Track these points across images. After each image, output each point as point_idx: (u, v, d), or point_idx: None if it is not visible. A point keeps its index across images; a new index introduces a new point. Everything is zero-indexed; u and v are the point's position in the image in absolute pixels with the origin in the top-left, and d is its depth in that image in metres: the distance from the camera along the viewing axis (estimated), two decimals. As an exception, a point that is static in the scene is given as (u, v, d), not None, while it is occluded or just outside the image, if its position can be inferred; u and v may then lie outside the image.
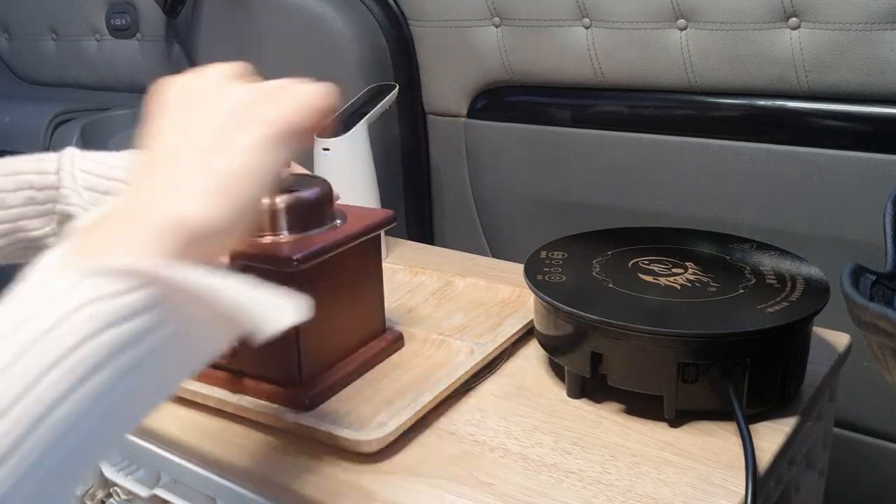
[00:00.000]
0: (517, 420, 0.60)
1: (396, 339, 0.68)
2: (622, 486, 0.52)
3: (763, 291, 0.61)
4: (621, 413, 0.60)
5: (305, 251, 0.56)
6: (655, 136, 0.92)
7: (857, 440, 0.90)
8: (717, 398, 0.57)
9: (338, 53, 1.06)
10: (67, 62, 1.49)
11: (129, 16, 1.36)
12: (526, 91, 1.01)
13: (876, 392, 0.86)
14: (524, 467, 0.54)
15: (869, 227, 0.79)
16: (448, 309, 0.77)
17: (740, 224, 0.88)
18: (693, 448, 0.55)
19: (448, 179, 1.12)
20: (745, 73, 0.84)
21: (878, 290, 0.47)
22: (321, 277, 0.60)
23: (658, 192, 0.94)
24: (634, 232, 0.76)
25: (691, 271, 0.65)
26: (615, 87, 0.94)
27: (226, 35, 1.17)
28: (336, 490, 0.53)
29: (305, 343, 0.59)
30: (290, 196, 0.59)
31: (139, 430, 0.62)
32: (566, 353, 0.62)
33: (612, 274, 0.65)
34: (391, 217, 0.65)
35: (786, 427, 0.57)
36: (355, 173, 0.91)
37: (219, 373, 0.62)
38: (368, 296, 0.67)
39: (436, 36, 1.04)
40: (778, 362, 0.57)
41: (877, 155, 0.79)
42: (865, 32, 0.76)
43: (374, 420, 0.58)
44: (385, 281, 0.68)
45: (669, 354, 0.56)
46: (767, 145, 0.85)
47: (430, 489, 0.52)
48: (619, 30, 0.89)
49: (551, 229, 0.82)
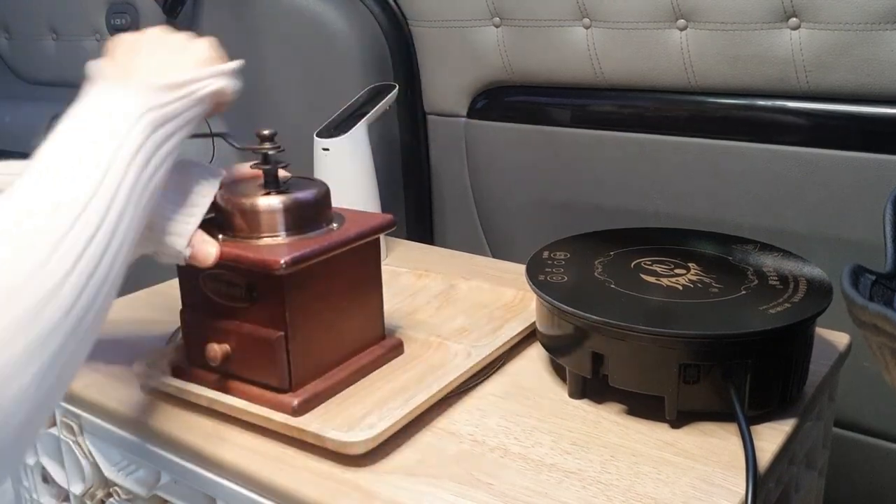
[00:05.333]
0: (517, 420, 0.60)
1: (395, 347, 0.67)
2: (622, 485, 0.52)
3: (765, 292, 0.61)
4: (621, 413, 0.60)
5: (294, 254, 0.56)
6: (655, 136, 0.92)
7: (857, 440, 0.90)
8: (718, 399, 0.57)
9: (338, 53, 1.06)
10: (67, 62, 1.49)
11: (129, 16, 1.36)
12: (526, 91, 1.01)
13: (876, 392, 0.86)
14: (524, 467, 0.54)
15: (869, 227, 0.79)
16: (450, 312, 0.77)
17: (740, 224, 0.88)
18: (693, 448, 0.55)
19: (448, 179, 1.12)
20: (745, 73, 0.84)
21: (878, 290, 0.47)
22: (314, 281, 0.59)
23: (658, 192, 0.94)
24: (637, 232, 0.76)
25: (693, 272, 0.65)
26: (615, 87, 0.94)
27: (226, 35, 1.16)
28: (336, 490, 0.53)
29: (296, 347, 0.59)
30: (286, 197, 0.59)
31: (139, 430, 0.62)
32: (568, 353, 0.62)
33: (615, 274, 0.65)
34: (389, 222, 0.65)
35: (786, 427, 0.57)
36: (355, 173, 0.91)
37: (213, 375, 0.62)
38: (366, 301, 0.66)
39: (436, 36, 1.04)
40: (780, 364, 0.57)
41: (877, 155, 0.79)
42: (865, 32, 0.76)
43: (364, 422, 0.58)
44: (389, 284, 0.68)
45: (671, 355, 0.56)
46: (767, 145, 0.85)
47: (429, 489, 0.52)
48: (619, 30, 0.89)
49: (551, 229, 0.82)
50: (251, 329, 0.59)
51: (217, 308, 0.60)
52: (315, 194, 0.61)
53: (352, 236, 0.61)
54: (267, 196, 0.59)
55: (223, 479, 0.57)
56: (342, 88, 1.04)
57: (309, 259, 0.57)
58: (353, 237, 0.61)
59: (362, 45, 1.06)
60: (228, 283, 0.59)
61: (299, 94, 1.11)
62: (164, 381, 0.63)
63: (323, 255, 0.58)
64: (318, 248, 0.58)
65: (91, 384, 0.66)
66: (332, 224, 0.62)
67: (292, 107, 1.12)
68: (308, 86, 1.10)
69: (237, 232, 0.59)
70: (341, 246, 0.60)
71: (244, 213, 0.59)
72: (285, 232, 0.59)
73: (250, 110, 1.16)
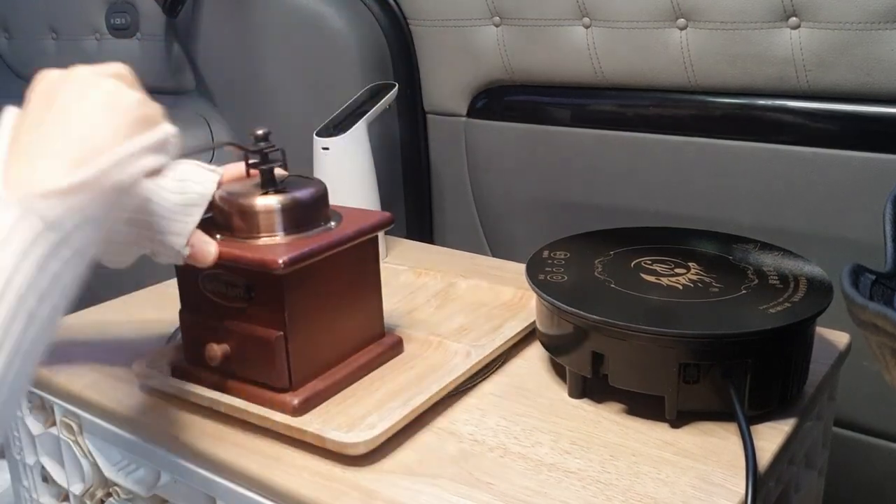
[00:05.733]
0: (517, 420, 0.60)
1: (395, 345, 0.67)
2: (622, 485, 0.52)
3: (765, 292, 0.61)
4: (621, 413, 0.60)
5: (293, 253, 0.56)
6: (655, 135, 0.92)
7: (856, 440, 0.90)
8: (718, 399, 0.57)
9: (338, 53, 1.06)
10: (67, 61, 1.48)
11: (128, 15, 1.36)
12: (526, 91, 1.01)
13: (876, 392, 0.86)
14: (524, 467, 0.54)
15: (869, 227, 0.79)
16: (449, 311, 0.77)
17: (740, 223, 0.88)
18: (692, 447, 0.55)
19: (448, 179, 1.12)
20: (745, 73, 0.84)
21: (877, 290, 0.47)
22: (313, 280, 0.59)
23: (658, 192, 0.94)
24: (637, 232, 0.76)
25: (694, 271, 0.65)
26: (615, 86, 0.94)
27: (226, 35, 1.17)
28: (336, 490, 0.52)
29: (295, 346, 0.59)
30: (283, 197, 0.59)
31: (139, 430, 0.62)
32: (568, 352, 0.62)
33: (615, 274, 0.65)
34: (387, 220, 0.65)
35: (785, 427, 0.57)
36: (355, 173, 0.91)
37: (213, 375, 0.62)
38: (365, 300, 0.66)
39: (436, 36, 1.04)
40: (780, 363, 0.57)
41: (877, 155, 0.79)
42: (865, 32, 0.75)
43: (364, 422, 0.58)
44: (388, 282, 0.68)
45: (671, 355, 0.56)
46: (767, 145, 0.85)
47: (429, 489, 0.52)
48: (618, 29, 0.89)
49: (550, 229, 0.82)
50: (250, 329, 0.59)
51: (216, 308, 0.60)
52: (313, 193, 0.61)
53: (350, 234, 0.61)
54: (265, 195, 0.59)
55: (223, 478, 0.57)
56: (342, 88, 1.04)
57: (307, 258, 0.57)
58: (351, 235, 0.61)
59: (362, 45, 1.06)
60: (227, 283, 0.59)
61: (299, 94, 1.11)
62: (164, 380, 0.63)
63: (321, 253, 0.58)
64: (316, 246, 0.58)
65: (91, 384, 0.66)
66: (331, 223, 0.62)
67: (292, 106, 1.11)
68: (308, 85, 1.10)
69: (235, 231, 0.59)
70: (340, 244, 0.60)
71: (242, 213, 0.59)
72: (283, 231, 0.59)
73: (250, 110, 1.16)
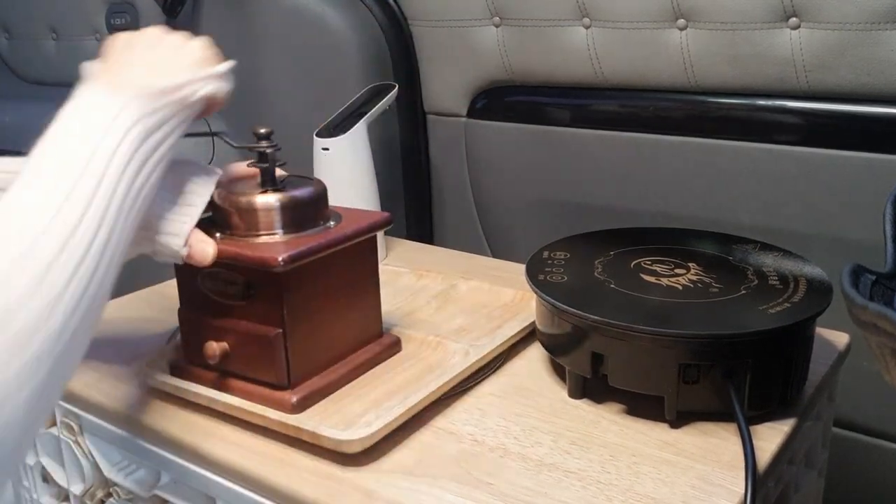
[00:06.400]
0: (517, 420, 0.60)
1: (393, 344, 0.67)
2: (621, 485, 0.52)
3: (765, 292, 0.61)
4: (621, 413, 0.60)
5: (292, 251, 0.56)
6: (655, 135, 0.92)
7: (856, 440, 0.90)
8: (718, 399, 0.57)
9: (338, 53, 1.06)
10: (67, 62, 1.49)
11: (129, 15, 1.36)
12: (526, 91, 1.01)
13: (875, 392, 0.86)
14: (524, 467, 0.54)
15: (869, 227, 0.79)
16: (449, 312, 0.77)
17: (740, 224, 0.88)
18: (692, 448, 0.55)
19: (448, 179, 1.12)
20: (745, 73, 0.84)
21: (877, 290, 0.47)
22: (312, 278, 0.59)
23: (657, 192, 0.94)
24: (637, 232, 0.76)
25: (694, 272, 0.65)
26: (615, 86, 0.94)
27: (226, 35, 1.17)
28: (336, 490, 0.52)
29: (294, 344, 0.59)
30: (283, 196, 0.59)
31: (139, 430, 0.62)
32: (567, 353, 0.62)
33: (614, 274, 0.65)
34: (386, 219, 0.65)
35: (785, 427, 0.57)
36: (355, 173, 0.91)
37: (212, 373, 0.62)
38: (364, 299, 0.66)
39: (436, 36, 1.04)
40: (780, 363, 0.57)
41: (877, 155, 0.79)
42: (865, 32, 0.76)
43: (361, 420, 0.58)
44: (389, 284, 0.68)
45: (671, 355, 0.56)
46: (767, 145, 0.85)
47: (429, 489, 0.52)
48: (619, 30, 0.89)
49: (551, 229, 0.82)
50: (249, 327, 0.59)
51: (215, 306, 0.60)
52: (312, 192, 0.61)
53: (349, 234, 0.61)
54: (264, 194, 0.59)
55: (223, 478, 0.57)
56: (342, 88, 1.04)
57: (306, 257, 0.57)
58: (350, 235, 0.61)
59: (362, 45, 1.06)
60: (226, 282, 0.59)
61: (299, 94, 1.11)
62: (164, 379, 0.63)
63: (320, 252, 0.58)
64: (315, 245, 0.58)
65: (91, 384, 0.66)
66: (330, 222, 0.62)
67: (292, 106, 1.12)
68: (308, 85, 1.10)
69: (235, 230, 0.59)
70: (339, 243, 0.60)
71: (241, 212, 0.59)
72: (282, 230, 0.59)
73: (250, 110, 1.16)
